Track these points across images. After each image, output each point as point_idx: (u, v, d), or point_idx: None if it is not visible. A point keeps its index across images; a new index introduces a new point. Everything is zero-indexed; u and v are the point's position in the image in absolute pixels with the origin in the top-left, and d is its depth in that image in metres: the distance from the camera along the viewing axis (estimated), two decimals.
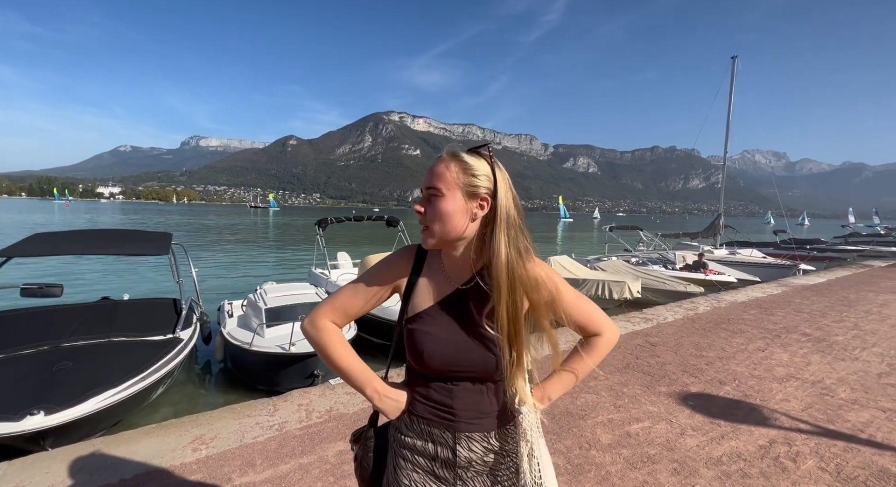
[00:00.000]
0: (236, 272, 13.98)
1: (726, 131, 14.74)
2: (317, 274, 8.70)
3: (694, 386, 3.39)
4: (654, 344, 4.55)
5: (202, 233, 31.57)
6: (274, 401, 2.96)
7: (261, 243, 24.69)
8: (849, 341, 4.74)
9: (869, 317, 5.91)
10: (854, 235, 29.69)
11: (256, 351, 4.49)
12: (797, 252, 15.09)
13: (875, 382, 3.51)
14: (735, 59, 14.50)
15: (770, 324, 5.46)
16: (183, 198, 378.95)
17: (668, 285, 9.54)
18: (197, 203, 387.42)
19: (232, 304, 6.04)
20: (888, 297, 7.53)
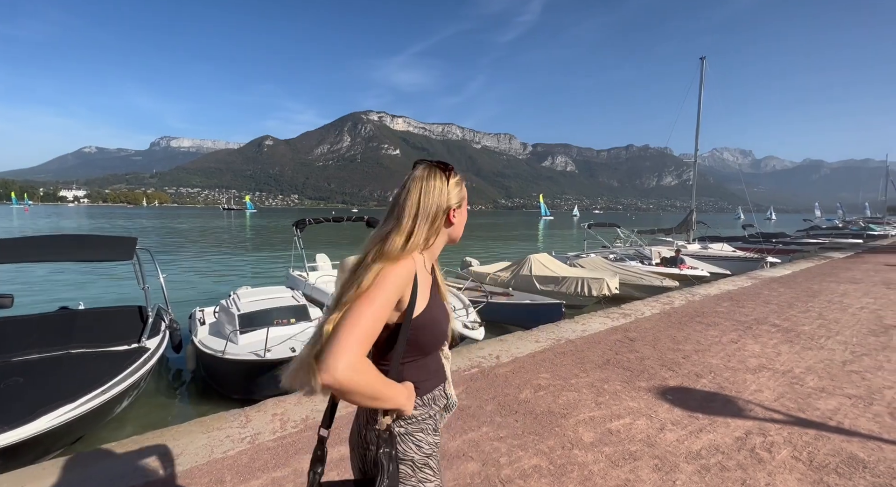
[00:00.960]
0: (210, 277, 13.50)
1: (696, 130, 15.23)
2: (294, 276, 8.49)
3: (672, 380, 3.44)
4: (632, 338, 4.61)
5: (173, 236, 30.41)
6: (246, 412, 2.83)
7: (236, 246, 23.98)
8: (814, 330, 4.93)
9: (832, 307, 6.18)
10: (815, 229, 31.31)
11: (229, 359, 4.31)
12: (764, 245, 15.74)
13: (840, 370, 3.65)
14: (703, 60, 14.99)
15: (742, 316, 5.64)
16: (154, 201, 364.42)
17: (645, 280, 9.76)
18: (169, 205, 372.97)
19: (203, 311, 5.80)
20: (848, 287, 7.91)
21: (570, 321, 5.42)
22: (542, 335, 4.73)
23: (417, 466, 0.98)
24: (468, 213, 1.10)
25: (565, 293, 8.75)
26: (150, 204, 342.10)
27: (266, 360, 4.19)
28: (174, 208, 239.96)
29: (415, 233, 0.94)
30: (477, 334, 5.22)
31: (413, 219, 0.94)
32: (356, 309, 0.84)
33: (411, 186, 0.96)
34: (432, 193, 0.96)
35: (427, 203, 0.95)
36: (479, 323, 5.43)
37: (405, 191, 0.96)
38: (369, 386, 0.83)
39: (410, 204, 0.95)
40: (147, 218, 68.15)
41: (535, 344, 4.40)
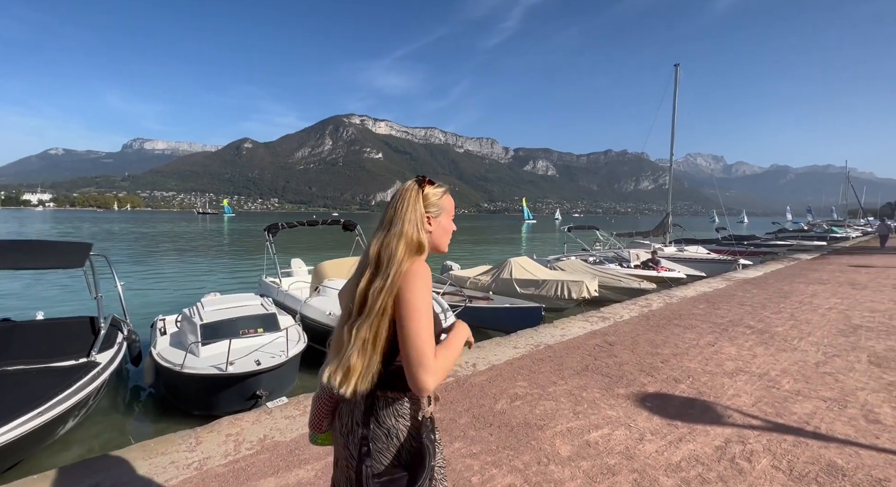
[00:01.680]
0: (180, 284, 12.91)
1: (672, 134, 15.59)
2: (267, 283, 8.15)
3: (651, 386, 3.37)
4: (611, 343, 4.55)
5: (143, 241, 29.20)
6: (197, 433, 2.59)
7: (210, 251, 23.16)
8: (788, 331, 4.98)
9: (802, 308, 6.30)
10: (783, 231, 32.58)
11: (188, 373, 4.02)
12: (736, 247, 16.18)
13: (814, 372, 3.66)
14: (678, 67, 15.39)
15: (718, 318, 5.67)
16: (126, 205, 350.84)
17: (624, 283, 9.83)
18: (142, 210, 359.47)
19: (165, 320, 5.45)
20: (816, 288, 8.13)
21: (549, 325, 5.34)
22: (521, 341, 4.61)
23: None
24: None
25: (545, 296, 8.70)
26: (122, 208, 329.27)
27: (228, 374, 3.92)
28: (148, 212, 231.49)
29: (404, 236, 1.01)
30: None
31: (402, 224, 1.02)
32: (412, 320, 0.94)
33: (397, 197, 1.07)
34: (410, 201, 1.05)
35: (404, 209, 1.04)
36: None
37: (392, 202, 1.08)
38: (449, 365, 0.99)
39: (397, 212, 1.04)
40: (117, 222, 65.36)
41: (514, 351, 4.28)
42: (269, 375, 4.09)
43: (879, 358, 3.98)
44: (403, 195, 1.06)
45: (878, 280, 9.18)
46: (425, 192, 1.08)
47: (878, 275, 9.88)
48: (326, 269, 7.14)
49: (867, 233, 37.07)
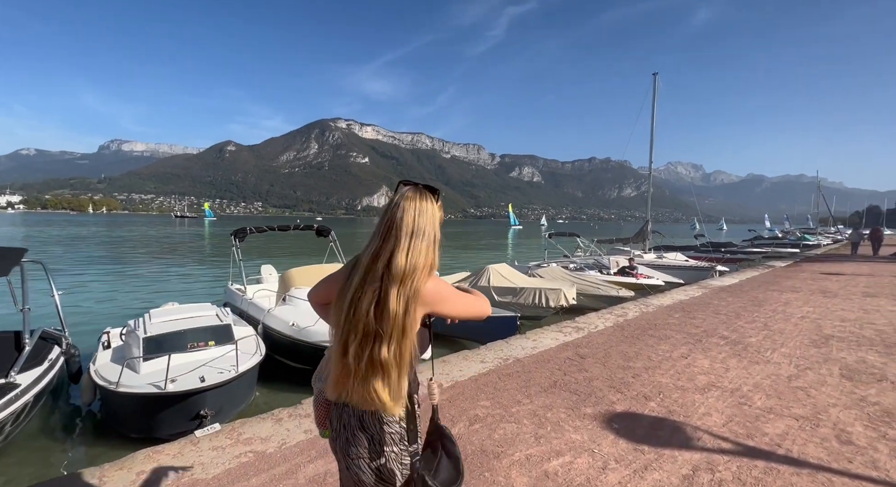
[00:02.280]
0: (144, 292, 12.29)
1: (651, 142, 15.77)
2: (233, 290, 7.76)
3: (620, 404, 3.19)
4: (583, 356, 4.37)
5: (113, 246, 28.07)
6: (103, 470, 2.27)
7: (185, 256, 22.35)
8: (761, 342, 4.90)
9: (776, 317, 6.28)
10: (758, 238, 33.46)
11: (123, 392, 3.66)
12: (714, 254, 16.41)
13: (786, 386, 3.54)
14: (656, 76, 15.63)
15: (692, 328, 5.57)
16: (101, 208, 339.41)
17: (602, 290, 9.75)
18: (119, 213, 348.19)
19: (110, 333, 5.04)
20: (789, 296, 8.18)
21: (521, 337, 5.14)
22: (490, 354, 4.39)
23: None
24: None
25: (523, 304, 8.54)
26: (98, 210, 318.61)
27: (166, 393, 3.58)
28: (125, 215, 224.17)
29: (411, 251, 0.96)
30: (423, 354, 4.82)
31: (409, 238, 0.96)
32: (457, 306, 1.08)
33: (414, 205, 0.98)
34: (429, 214, 1.00)
35: (422, 223, 0.98)
36: None
37: (399, 210, 0.98)
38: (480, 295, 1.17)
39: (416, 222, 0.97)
40: (89, 225, 62.95)
41: (481, 365, 4.06)
42: (215, 393, 3.77)
43: (851, 371, 3.91)
44: (422, 206, 0.99)
45: (848, 287, 9.32)
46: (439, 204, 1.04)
47: (849, 283, 10.06)
48: (294, 277, 6.81)
49: (837, 240, 38.39)
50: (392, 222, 0.97)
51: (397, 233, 0.96)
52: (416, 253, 0.96)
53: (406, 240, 0.95)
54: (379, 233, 0.98)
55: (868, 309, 6.87)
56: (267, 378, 5.72)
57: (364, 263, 0.98)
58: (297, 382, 5.59)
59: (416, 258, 0.95)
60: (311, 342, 5.19)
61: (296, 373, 5.71)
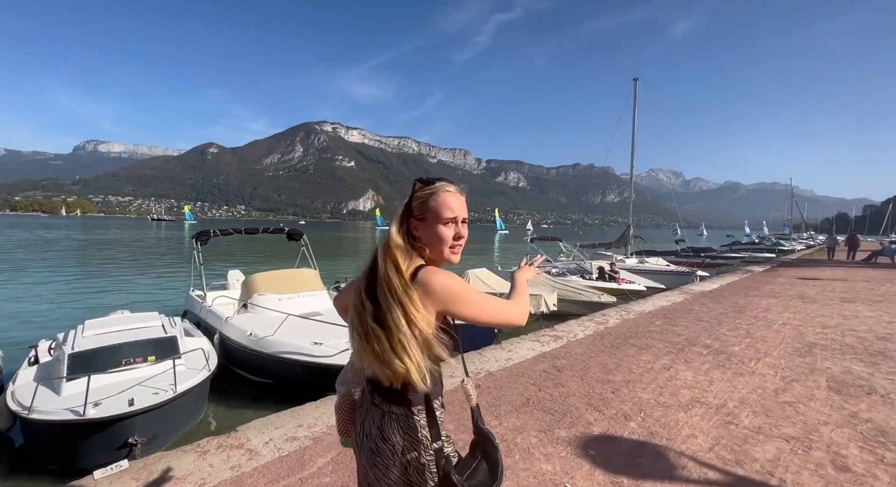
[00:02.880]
0: (98, 298, 11.51)
1: (632, 149, 15.82)
2: (193, 297, 7.24)
3: (597, 425, 2.89)
4: (560, 368, 4.08)
5: (82, 250, 26.76)
6: None
7: (154, 261, 21.38)
8: (744, 351, 4.70)
9: (758, 323, 6.13)
10: (736, 243, 34.17)
11: (35, 419, 3.18)
12: (694, 259, 16.50)
13: (773, 401, 3.31)
14: (637, 81, 15.71)
15: (674, 336, 5.36)
16: (75, 210, 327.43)
17: (584, 296, 9.55)
18: (94, 216, 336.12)
19: (38, 348, 4.51)
20: (769, 301, 8.11)
21: (496, 347, 4.82)
22: (460, 369, 4.06)
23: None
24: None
25: None
26: (72, 213, 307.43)
27: (85, 420, 3.11)
28: (100, 218, 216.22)
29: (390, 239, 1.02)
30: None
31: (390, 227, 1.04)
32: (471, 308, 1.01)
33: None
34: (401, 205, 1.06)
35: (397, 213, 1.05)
36: None
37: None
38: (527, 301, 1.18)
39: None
40: (60, 228, 60.30)
41: (448, 381, 3.71)
42: (147, 417, 3.32)
43: (838, 383, 3.71)
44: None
45: (825, 293, 9.34)
46: (414, 192, 1.05)
47: (825, 288, 10.11)
48: (257, 283, 6.37)
49: (810, 246, 39.56)
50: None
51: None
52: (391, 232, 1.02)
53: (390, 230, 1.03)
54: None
55: (847, 315, 6.80)
56: (224, 392, 5.26)
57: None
58: (256, 397, 5.15)
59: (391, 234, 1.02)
60: (268, 353, 4.77)
61: (255, 387, 5.27)
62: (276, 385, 5.10)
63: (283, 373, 4.90)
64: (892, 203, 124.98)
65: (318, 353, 4.57)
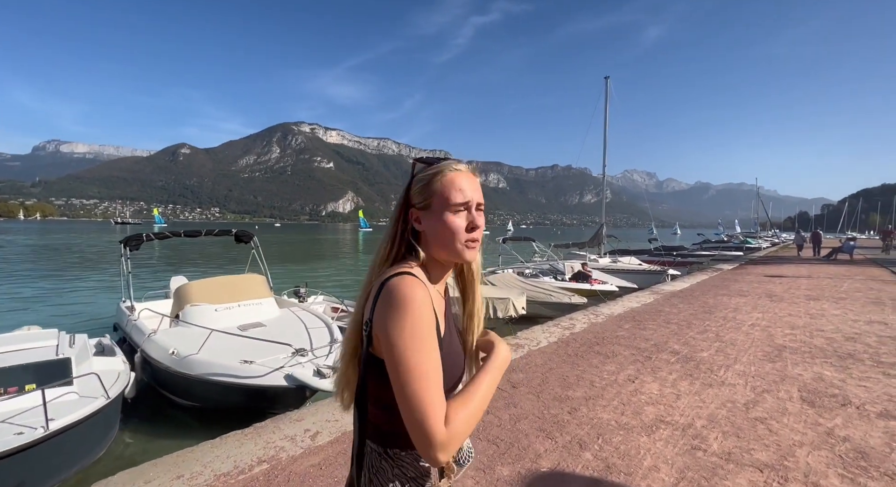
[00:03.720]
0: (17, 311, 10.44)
1: (604, 147, 15.74)
2: (122, 309, 6.50)
3: (547, 458, 2.47)
4: (515, 384, 3.66)
5: (27, 255, 24.89)
6: None
7: (104, 267, 19.99)
8: (713, 357, 4.41)
9: (727, 325, 5.91)
10: (706, 242, 35.07)
11: None
12: (666, 258, 16.58)
13: (744, 418, 2.97)
14: (608, 79, 15.65)
15: (642, 341, 5.04)
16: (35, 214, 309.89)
17: (554, 297, 9.25)
18: (56, 219, 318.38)
19: None
20: (738, 301, 7.98)
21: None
22: None
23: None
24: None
25: None
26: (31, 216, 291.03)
27: None
28: (62, 222, 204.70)
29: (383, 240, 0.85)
30: (328, 384, 3.94)
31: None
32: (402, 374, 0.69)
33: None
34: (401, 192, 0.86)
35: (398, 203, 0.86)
36: (334, 369, 4.14)
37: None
38: (473, 422, 0.72)
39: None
40: (14, 233, 56.48)
41: None
42: (6, 464, 2.70)
43: (811, 393, 3.43)
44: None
45: (791, 290, 9.34)
46: (414, 175, 0.84)
47: (791, 286, 10.15)
48: (191, 292, 5.72)
49: (775, 243, 41.09)
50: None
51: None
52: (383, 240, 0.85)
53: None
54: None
55: (814, 314, 6.70)
56: (148, 417, 4.65)
57: None
58: (182, 423, 4.54)
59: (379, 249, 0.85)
60: (191, 375, 4.18)
61: (185, 411, 4.66)
62: (205, 409, 4.52)
63: (210, 397, 4.33)
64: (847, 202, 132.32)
65: (247, 373, 4.02)
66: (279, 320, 5.72)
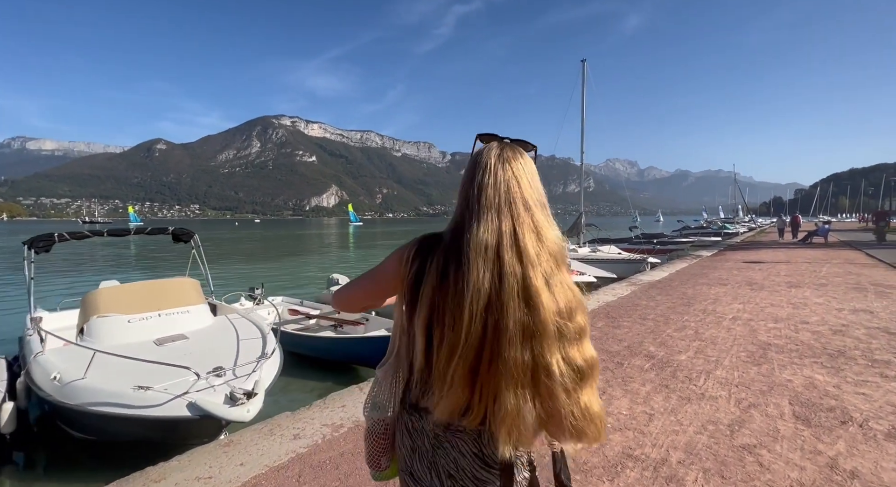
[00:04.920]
0: None
1: (581, 131, 15.21)
2: (27, 321, 5.64)
3: None
4: None
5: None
6: None
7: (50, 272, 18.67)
8: (692, 361, 3.90)
9: (707, 320, 5.44)
10: (686, 228, 35.30)
11: None
12: (646, 246, 16.28)
13: (729, 447, 2.43)
14: (584, 62, 15.06)
15: (615, 343, 4.51)
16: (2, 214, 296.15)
17: None
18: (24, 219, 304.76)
19: None
20: (718, 290, 7.58)
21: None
22: (315, 419, 2.94)
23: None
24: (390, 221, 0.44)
25: None
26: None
27: None
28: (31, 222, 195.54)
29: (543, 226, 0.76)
30: (240, 413, 3.25)
31: (532, 210, 0.75)
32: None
33: (516, 169, 0.77)
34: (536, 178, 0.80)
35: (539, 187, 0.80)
36: (249, 394, 3.45)
37: (512, 177, 0.76)
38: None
39: (527, 189, 0.76)
40: None
41: (292, 443, 2.58)
42: None
43: (804, 406, 2.92)
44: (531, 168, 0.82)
45: (771, 277, 9.02)
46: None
47: (771, 272, 9.86)
48: (99, 300, 4.92)
49: (751, 228, 41.73)
50: (497, 192, 0.74)
51: (512, 207, 0.73)
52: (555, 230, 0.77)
53: (527, 214, 0.74)
54: (489, 209, 0.73)
55: (796, 304, 6.31)
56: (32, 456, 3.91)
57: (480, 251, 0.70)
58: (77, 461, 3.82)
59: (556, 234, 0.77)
60: (74, 405, 3.45)
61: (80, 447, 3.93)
62: (102, 441, 3.80)
63: (106, 429, 3.61)
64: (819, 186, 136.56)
65: (141, 402, 3.31)
66: (207, 331, 4.98)
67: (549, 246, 0.73)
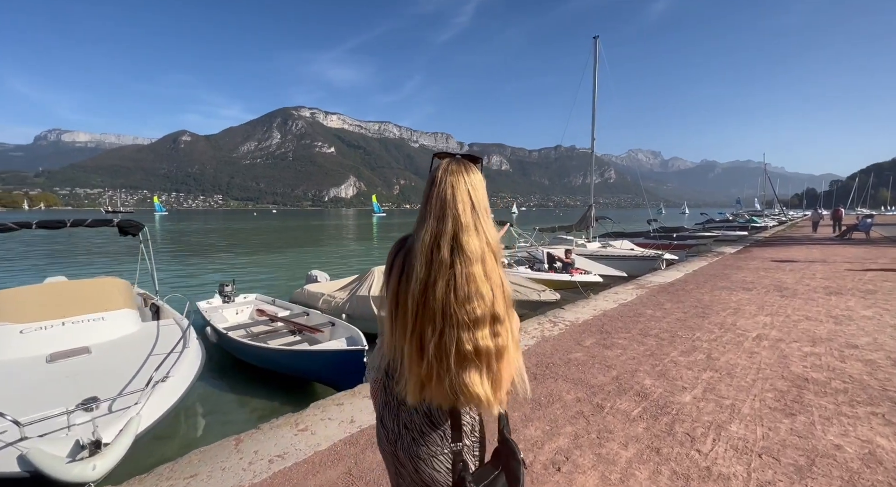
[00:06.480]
0: None
1: (592, 116, 13.90)
2: None
3: None
4: None
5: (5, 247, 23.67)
6: None
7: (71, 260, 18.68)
8: (699, 404, 2.92)
9: (724, 338, 4.40)
10: (710, 222, 33.24)
11: None
12: (663, 241, 14.96)
13: None
14: (597, 39, 13.66)
15: (600, 372, 3.56)
16: (39, 203, 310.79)
17: (522, 294, 7.73)
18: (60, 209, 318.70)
19: None
20: (741, 297, 6.46)
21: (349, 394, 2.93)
22: (270, 443, 2.13)
23: None
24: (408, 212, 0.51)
25: None
26: (35, 207, 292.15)
27: None
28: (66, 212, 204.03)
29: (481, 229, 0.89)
30: (81, 471, 2.47)
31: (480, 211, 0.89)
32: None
33: (458, 180, 0.89)
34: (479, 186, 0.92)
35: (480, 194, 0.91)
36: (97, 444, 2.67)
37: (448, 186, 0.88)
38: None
39: (465, 195, 0.88)
40: None
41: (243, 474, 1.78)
42: None
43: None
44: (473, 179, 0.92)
45: (804, 280, 7.79)
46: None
47: (804, 274, 8.58)
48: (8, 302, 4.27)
49: (782, 222, 39.10)
50: (444, 200, 0.87)
51: (453, 211, 0.86)
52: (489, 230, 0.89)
53: (466, 216, 0.86)
54: (431, 215, 0.87)
55: (839, 318, 5.16)
56: None
57: (422, 249, 0.85)
58: None
59: (490, 234, 0.88)
60: None
61: None
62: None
63: None
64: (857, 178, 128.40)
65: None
66: (119, 343, 4.27)
67: (483, 244, 0.85)
